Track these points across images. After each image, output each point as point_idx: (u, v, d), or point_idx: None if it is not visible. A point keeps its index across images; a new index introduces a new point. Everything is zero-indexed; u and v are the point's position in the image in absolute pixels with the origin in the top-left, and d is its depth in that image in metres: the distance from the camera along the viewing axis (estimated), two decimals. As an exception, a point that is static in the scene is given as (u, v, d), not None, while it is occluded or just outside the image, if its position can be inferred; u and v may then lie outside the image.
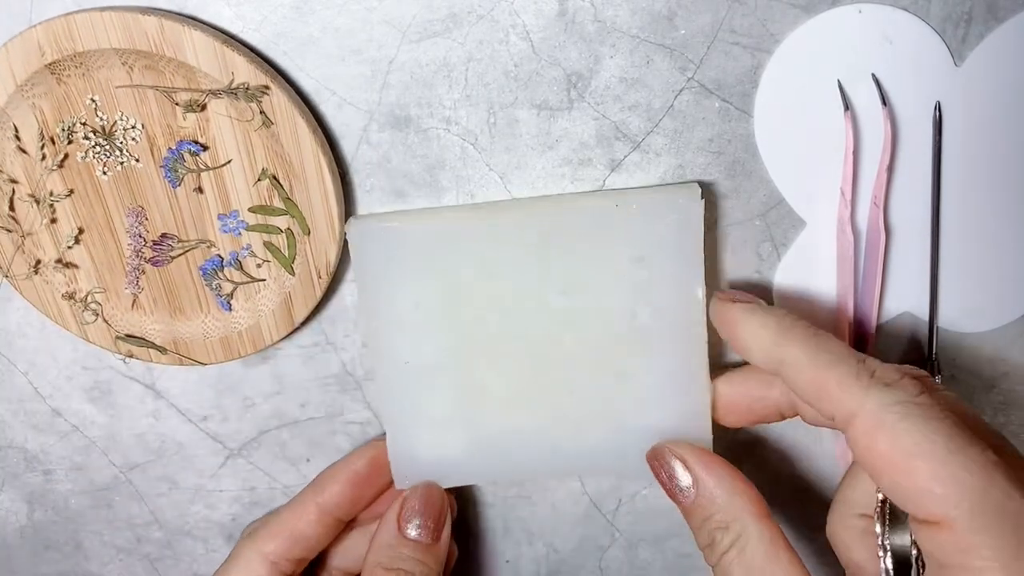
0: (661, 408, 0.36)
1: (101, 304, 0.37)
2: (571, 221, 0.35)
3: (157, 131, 0.34)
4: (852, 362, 0.28)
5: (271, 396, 0.41)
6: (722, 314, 0.33)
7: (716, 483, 0.32)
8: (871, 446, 0.26)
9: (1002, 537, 0.24)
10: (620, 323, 0.36)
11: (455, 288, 0.36)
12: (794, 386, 0.30)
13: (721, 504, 0.31)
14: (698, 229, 0.35)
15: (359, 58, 0.34)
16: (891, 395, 0.27)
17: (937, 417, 0.26)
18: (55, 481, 0.44)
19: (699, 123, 0.35)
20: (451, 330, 0.36)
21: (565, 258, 0.35)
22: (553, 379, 0.37)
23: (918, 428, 0.25)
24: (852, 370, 0.28)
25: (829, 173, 0.36)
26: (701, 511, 0.32)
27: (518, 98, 0.35)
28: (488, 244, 0.35)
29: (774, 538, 0.30)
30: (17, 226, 0.36)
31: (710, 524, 0.31)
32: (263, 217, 0.35)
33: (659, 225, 0.35)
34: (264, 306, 0.37)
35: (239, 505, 0.44)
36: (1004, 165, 0.36)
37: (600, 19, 0.33)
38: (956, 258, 0.37)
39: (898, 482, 0.26)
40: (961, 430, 0.26)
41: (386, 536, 0.36)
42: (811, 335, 0.30)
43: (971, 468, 0.25)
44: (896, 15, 0.33)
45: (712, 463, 0.33)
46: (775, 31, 0.34)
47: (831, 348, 0.29)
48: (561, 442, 0.37)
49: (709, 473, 0.32)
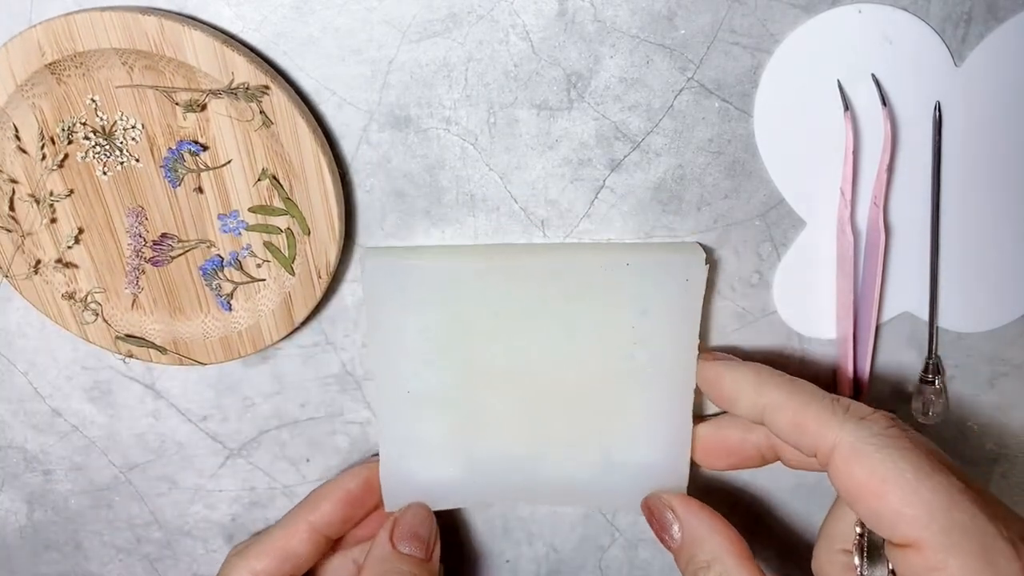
0: (647, 445, 0.38)
1: (101, 304, 0.37)
2: (582, 272, 0.36)
3: (157, 131, 0.34)
4: (827, 401, 0.31)
5: (271, 396, 0.41)
6: (707, 371, 0.36)
7: (698, 524, 0.35)
8: (850, 474, 0.29)
9: (969, 555, 0.26)
10: (618, 363, 0.37)
11: (463, 324, 0.37)
12: (777, 428, 0.32)
13: (703, 545, 0.34)
14: (700, 290, 0.36)
15: (359, 58, 0.34)
16: (866, 428, 0.29)
17: (907, 448, 0.28)
18: (55, 481, 0.44)
19: (699, 123, 0.35)
20: (455, 363, 0.37)
21: (573, 304, 0.36)
22: (549, 411, 0.38)
23: (891, 458, 0.28)
24: (828, 407, 0.31)
25: (829, 173, 0.36)
26: (686, 552, 0.35)
27: (518, 98, 0.35)
28: (500, 286, 0.36)
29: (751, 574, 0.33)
30: (17, 226, 0.36)
31: (694, 564, 0.34)
32: (263, 217, 0.35)
33: (666, 284, 0.36)
34: (264, 306, 0.37)
35: (239, 505, 0.44)
36: (1004, 165, 0.36)
37: (600, 19, 0.33)
38: (956, 258, 0.37)
39: (873, 508, 0.28)
40: (930, 459, 0.28)
41: (380, 552, 0.37)
42: (788, 381, 0.33)
43: (938, 491, 0.27)
44: (896, 15, 0.33)
45: (696, 508, 0.36)
46: (775, 31, 0.34)
47: (806, 390, 0.32)
48: (550, 471, 0.39)
49: (692, 516, 0.35)
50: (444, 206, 0.37)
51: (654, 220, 0.37)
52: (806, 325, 0.39)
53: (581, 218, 0.37)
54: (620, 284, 0.36)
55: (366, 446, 0.42)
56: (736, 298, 0.39)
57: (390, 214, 0.37)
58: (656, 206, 0.37)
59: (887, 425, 0.29)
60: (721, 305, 0.39)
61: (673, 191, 0.36)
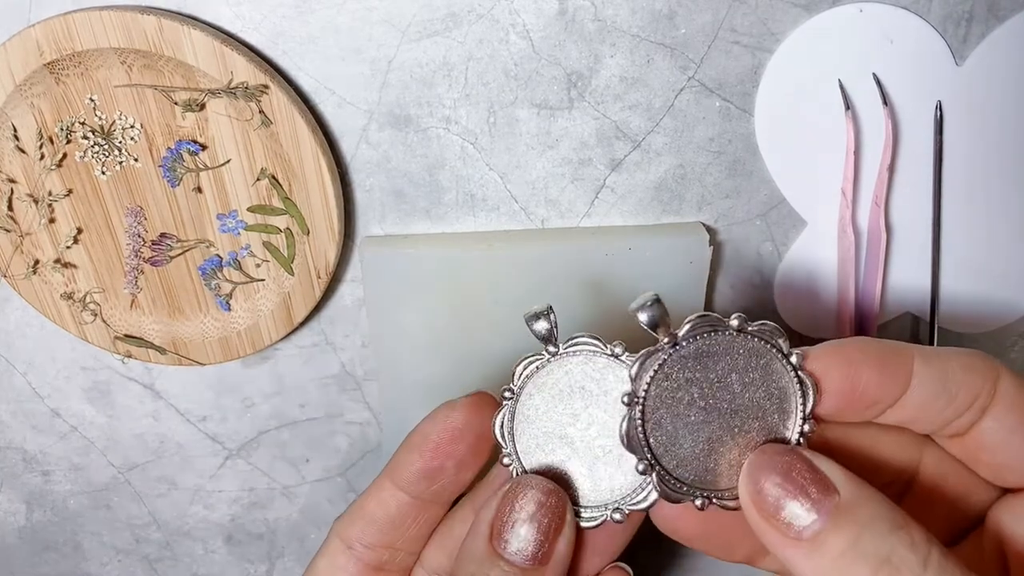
0: None
1: (100, 304, 0.37)
2: (584, 258, 0.36)
3: (156, 130, 0.34)
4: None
5: (270, 396, 0.41)
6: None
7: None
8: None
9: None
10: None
11: (464, 312, 0.36)
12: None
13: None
14: (704, 272, 0.36)
15: (359, 57, 0.34)
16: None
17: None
18: (54, 482, 0.43)
19: (700, 122, 0.35)
20: (457, 352, 0.37)
21: (575, 291, 0.36)
22: None
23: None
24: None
25: (830, 173, 0.36)
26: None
27: (518, 97, 0.35)
28: (501, 273, 0.36)
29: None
30: (16, 226, 0.36)
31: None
32: (262, 217, 0.35)
33: (669, 267, 0.36)
34: (263, 306, 0.37)
35: (238, 506, 0.44)
36: (1005, 164, 0.36)
37: (600, 18, 0.33)
38: (957, 258, 0.37)
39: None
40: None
41: (474, 546, 0.26)
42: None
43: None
44: (897, 14, 0.33)
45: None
46: (776, 30, 0.34)
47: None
48: None
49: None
50: (444, 206, 0.37)
51: (655, 220, 0.37)
52: (807, 325, 0.39)
53: (582, 218, 0.37)
54: (623, 269, 0.36)
55: (366, 446, 0.42)
56: (737, 298, 0.39)
57: (390, 214, 0.37)
58: (657, 206, 0.37)
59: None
60: (722, 305, 0.39)
61: (674, 191, 0.36)
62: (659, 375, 0.24)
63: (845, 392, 0.24)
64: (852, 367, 0.24)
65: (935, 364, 0.25)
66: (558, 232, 0.37)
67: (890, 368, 0.24)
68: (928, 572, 0.21)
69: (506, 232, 0.37)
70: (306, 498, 0.44)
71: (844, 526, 0.22)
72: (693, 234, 0.36)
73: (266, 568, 0.46)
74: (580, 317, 0.36)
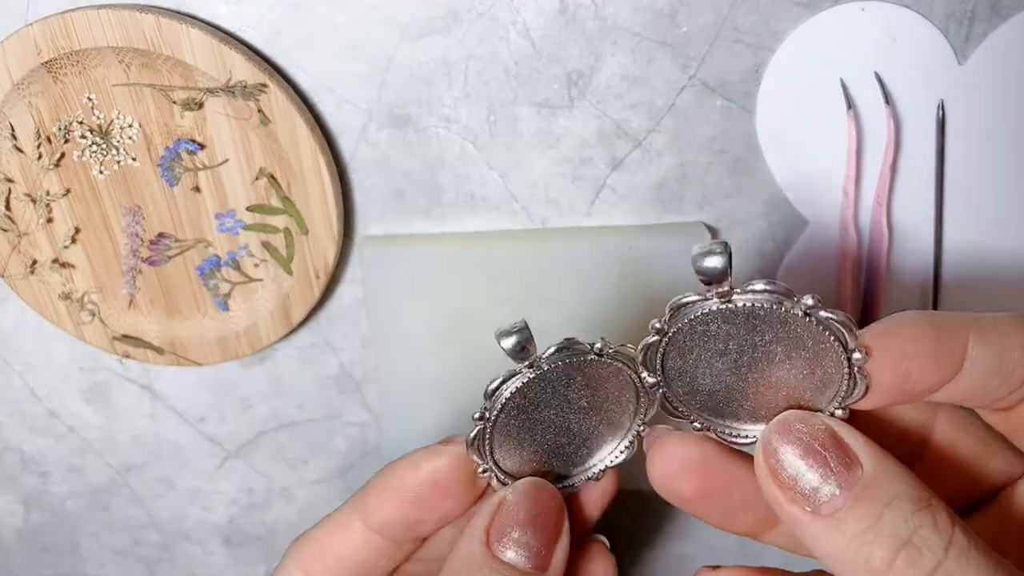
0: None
1: (98, 304, 0.37)
2: (585, 258, 0.36)
3: (154, 130, 0.34)
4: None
5: (269, 397, 0.41)
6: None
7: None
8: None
9: None
10: None
11: (464, 312, 0.36)
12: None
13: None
14: None
15: (358, 56, 0.33)
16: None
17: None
18: (52, 483, 0.43)
19: (701, 121, 0.35)
20: (457, 352, 0.37)
21: (577, 291, 0.36)
22: None
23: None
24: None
25: (832, 172, 0.36)
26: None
27: (518, 96, 0.34)
28: (501, 273, 0.36)
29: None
30: (13, 225, 0.35)
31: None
32: (261, 216, 0.35)
33: (670, 267, 0.35)
34: (262, 306, 0.37)
35: (237, 507, 0.44)
36: (1007, 164, 0.36)
37: (601, 16, 0.33)
38: (959, 257, 0.37)
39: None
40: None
41: (470, 552, 0.25)
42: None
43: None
44: (899, 13, 0.33)
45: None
46: (777, 29, 0.33)
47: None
48: None
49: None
50: (444, 205, 0.36)
51: (656, 219, 0.37)
52: (808, 325, 0.39)
53: (582, 217, 0.37)
54: (624, 269, 0.36)
55: (365, 448, 0.42)
56: (738, 298, 0.38)
57: (389, 213, 0.37)
58: (658, 205, 0.36)
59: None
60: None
61: (675, 190, 0.36)
62: (697, 320, 0.22)
63: (895, 389, 0.23)
64: (904, 362, 0.22)
65: (993, 342, 0.23)
66: (559, 232, 0.37)
67: (943, 357, 0.22)
68: (950, 555, 0.20)
69: (506, 232, 0.37)
70: (305, 499, 0.44)
71: (866, 504, 0.21)
72: (694, 234, 0.36)
73: (264, 570, 0.46)
74: (581, 317, 0.36)
